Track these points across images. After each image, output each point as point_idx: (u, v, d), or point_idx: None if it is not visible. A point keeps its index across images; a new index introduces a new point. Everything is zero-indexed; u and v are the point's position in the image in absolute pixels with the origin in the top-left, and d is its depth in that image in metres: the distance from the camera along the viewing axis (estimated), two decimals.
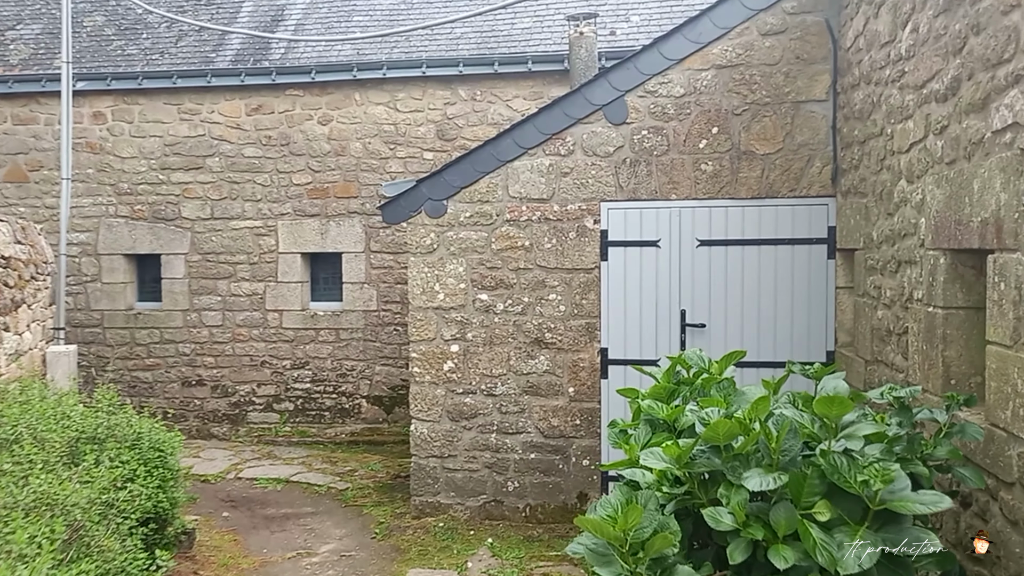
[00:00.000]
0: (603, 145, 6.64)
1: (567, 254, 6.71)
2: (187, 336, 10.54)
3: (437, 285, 6.92)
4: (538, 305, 6.77)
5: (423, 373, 6.98)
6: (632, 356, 6.65)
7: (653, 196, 6.58)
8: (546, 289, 6.76)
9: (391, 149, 10.11)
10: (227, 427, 10.44)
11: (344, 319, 10.23)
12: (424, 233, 6.93)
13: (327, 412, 10.33)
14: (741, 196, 6.45)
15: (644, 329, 6.62)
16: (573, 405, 6.76)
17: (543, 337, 6.77)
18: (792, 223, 6.39)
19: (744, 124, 6.44)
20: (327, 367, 10.30)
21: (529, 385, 6.81)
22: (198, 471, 8.72)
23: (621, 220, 6.64)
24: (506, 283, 6.82)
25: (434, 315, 6.94)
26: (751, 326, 6.46)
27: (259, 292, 10.36)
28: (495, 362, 6.85)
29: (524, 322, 6.80)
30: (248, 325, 10.40)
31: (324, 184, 10.24)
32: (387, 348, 10.18)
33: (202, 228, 10.45)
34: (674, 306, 6.57)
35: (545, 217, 6.75)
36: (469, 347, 6.89)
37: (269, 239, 10.33)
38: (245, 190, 10.37)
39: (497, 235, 6.83)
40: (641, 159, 6.59)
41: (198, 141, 10.44)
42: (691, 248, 6.53)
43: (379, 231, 10.12)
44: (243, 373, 10.47)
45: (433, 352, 6.95)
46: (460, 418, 6.93)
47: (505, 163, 6.80)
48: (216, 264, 10.44)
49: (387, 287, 10.15)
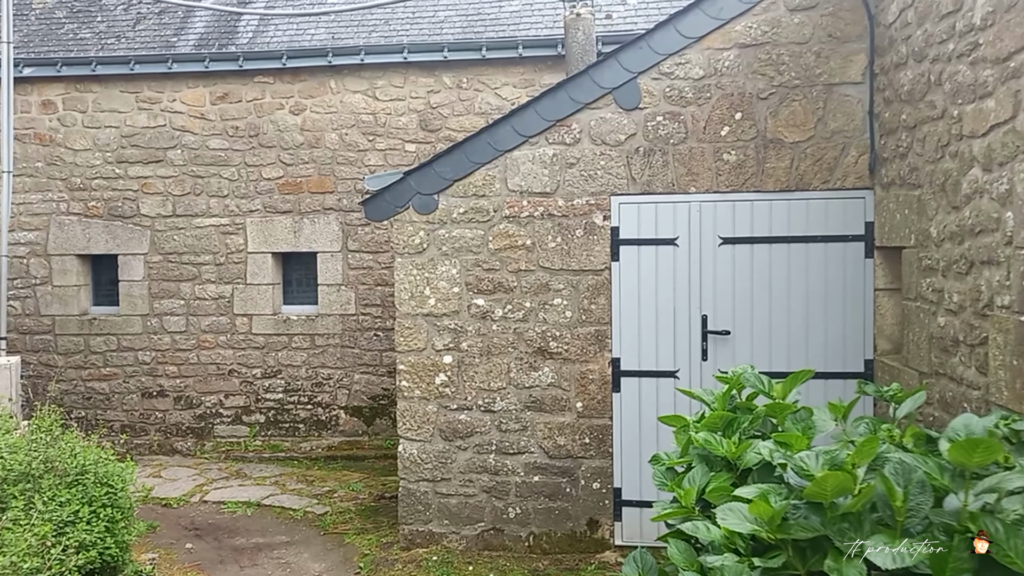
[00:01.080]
0: (613, 133, 5.92)
1: (574, 254, 5.98)
2: (147, 343, 9.64)
3: (427, 289, 6.16)
4: (541, 311, 6.04)
5: (412, 387, 6.21)
6: (648, 367, 5.94)
7: (670, 189, 5.87)
8: (550, 293, 6.02)
9: (370, 141, 9.31)
10: (192, 441, 9.57)
11: (320, 324, 9.41)
12: (412, 231, 6.16)
13: (302, 425, 9.50)
14: (768, 189, 5.77)
15: (661, 337, 5.92)
16: (582, 422, 6.03)
17: (547, 346, 6.03)
18: (825, 218, 5.72)
19: (771, 109, 5.75)
20: (301, 376, 9.47)
21: (532, 400, 6.07)
22: (159, 493, 7.87)
23: (634, 216, 5.92)
24: (505, 286, 6.07)
25: (424, 322, 6.17)
26: (780, 333, 5.78)
27: (226, 295, 9.50)
28: (493, 374, 6.10)
29: (526, 330, 6.05)
30: (214, 331, 9.54)
31: (297, 178, 9.40)
32: (367, 355, 9.37)
33: (163, 226, 9.56)
34: (694, 311, 5.87)
35: (549, 213, 6.01)
36: (464, 358, 6.13)
37: (237, 238, 9.47)
38: (210, 185, 9.49)
39: (495, 233, 6.08)
40: (656, 148, 5.87)
41: (158, 132, 9.55)
42: (712, 246, 5.83)
43: (357, 229, 9.31)
44: (209, 383, 9.60)
45: (423, 364, 6.18)
46: (454, 437, 6.17)
47: (503, 153, 6.04)
48: (179, 265, 9.56)
49: (366, 289, 9.35)
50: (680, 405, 5.90)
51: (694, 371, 5.88)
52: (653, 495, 5.89)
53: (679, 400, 5.90)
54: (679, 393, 5.90)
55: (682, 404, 5.90)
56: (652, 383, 5.94)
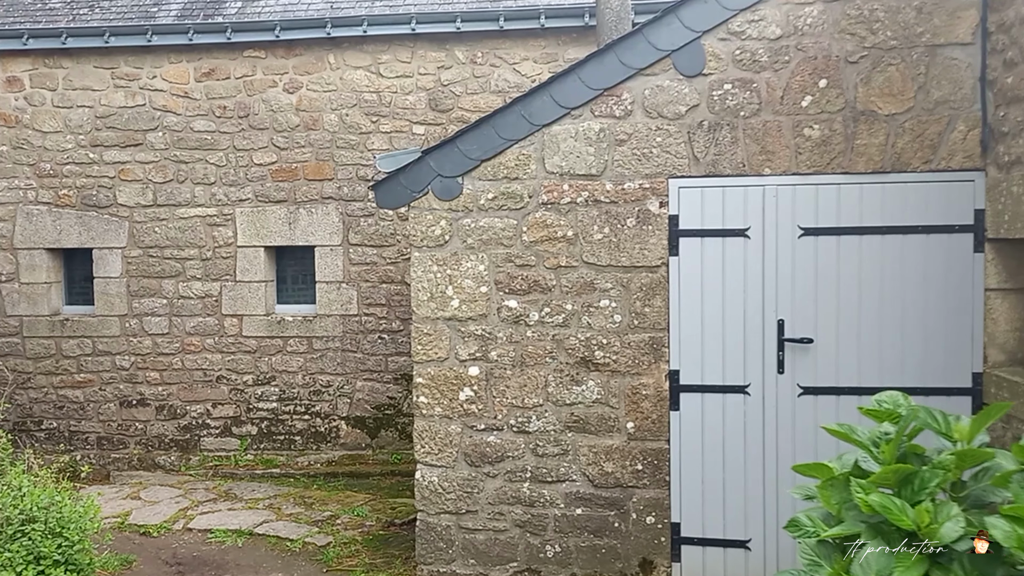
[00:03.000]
0: (672, 104, 4.96)
1: (624, 247, 5.03)
2: (126, 346, 8.63)
3: (450, 288, 5.19)
4: (585, 314, 5.08)
5: (432, 404, 5.25)
6: (712, 381, 5.00)
7: (739, 170, 4.92)
8: (596, 293, 5.07)
9: (373, 122, 8.32)
10: (176, 456, 8.57)
11: (318, 325, 8.42)
12: (432, 220, 5.19)
13: (298, 437, 8.52)
14: (858, 170, 4.82)
15: (728, 346, 4.97)
16: (633, 445, 5.08)
17: (592, 356, 5.08)
18: (925, 205, 4.78)
19: (862, 75, 4.80)
20: (297, 383, 8.48)
21: (574, 419, 5.12)
22: (137, 519, 6.87)
23: (696, 202, 4.97)
24: (542, 285, 5.11)
25: (446, 328, 5.21)
26: (871, 341, 4.84)
27: (213, 293, 8.50)
28: (528, 389, 5.15)
29: (567, 336, 5.10)
30: (200, 333, 8.54)
31: (292, 164, 8.40)
32: (370, 360, 8.40)
33: (143, 217, 8.55)
34: (769, 315, 4.92)
35: (594, 199, 5.06)
36: (493, 369, 5.17)
37: (225, 230, 8.47)
38: (195, 171, 8.48)
39: (530, 223, 5.11)
40: (723, 122, 4.92)
41: (137, 112, 8.52)
42: (791, 238, 4.89)
43: (359, 220, 8.32)
44: (195, 391, 8.60)
45: (445, 376, 5.22)
46: (482, 462, 5.21)
47: (540, 128, 5.08)
48: (160, 260, 8.55)
49: (370, 287, 8.37)
50: (752, 426, 4.97)
51: (768, 386, 4.94)
52: (719, 531, 4.96)
53: (749, 420, 4.96)
54: (749, 413, 4.96)
55: (754, 426, 4.96)
56: (717, 400, 4.99)
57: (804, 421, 4.90)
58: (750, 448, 4.96)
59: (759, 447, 4.95)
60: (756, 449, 4.96)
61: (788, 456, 4.91)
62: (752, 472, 4.97)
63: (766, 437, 4.94)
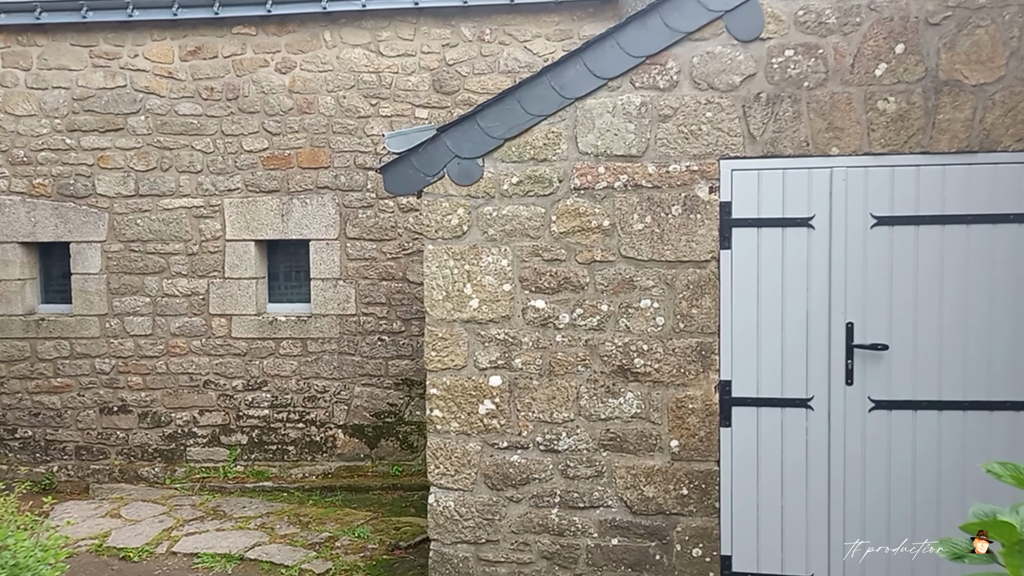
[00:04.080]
0: (725, 73, 4.29)
1: (668, 239, 4.36)
2: (106, 349, 7.91)
3: (468, 286, 4.51)
4: (623, 316, 4.41)
5: (447, 418, 4.56)
6: (769, 393, 4.33)
7: (802, 150, 4.25)
8: (636, 292, 4.39)
9: (373, 105, 7.61)
10: (160, 467, 7.86)
11: (313, 326, 7.72)
12: (448, 209, 4.50)
13: (292, 447, 7.82)
14: (941, 150, 4.16)
15: (788, 353, 4.30)
16: (677, 466, 4.41)
17: (631, 364, 4.41)
18: (1019, 190, 4.12)
19: (945, 39, 4.14)
20: (291, 388, 7.79)
21: (609, 436, 4.45)
22: (117, 541, 6.16)
23: (752, 187, 4.30)
24: (574, 283, 4.44)
25: (464, 331, 4.52)
26: (954, 347, 4.18)
27: (200, 291, 7.79)
28: (557, 402, 4.47)
29: (602, 342, 4.42)
30: (186, 334, 7.83)
31: (285, 150, 7.69)
32: (370, 363, 7.70)
33: (124, 208, 7.83)
34: (836, 318, 4.25)
35: (634, 183, 4.38)
36: (517, 379, 4.49)
37: (213, 222, 7.75)
38: (180, 158, 7.76)
39: (560, 211, 4.43)
40: (784, 94, 4.25)
41: (117, 94, 7.79)
42: (862, 228, 4.22)
43: (358, 212, 7.62)
44: (180, 396, 7.89)
45: (463, 387, 4.54)
46: (504, 485, 4.53)
47: (572, 101, 4.39)
48: (143, 255, 7.83)
49: (369, 284, 7.67)
50: (815, 446, 4.30)
51: (835, 399, 4.27)
52: (776, 566, 4.30)
53: (812, 439, 4.29)
54: (812, 430, 4.30)
55: (817, 445, 4.30)
56: (775, 415, 4.33)
57: (876, 440, 4.24)
58: (813, 471, 4.30)
59: (823, 470, 4.29)
60: (820, 472, 4.29)
61: (857, 480, 4.25)
62: (815, 499, 4.30)
63: (832, 458, 4.28)
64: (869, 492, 4.25)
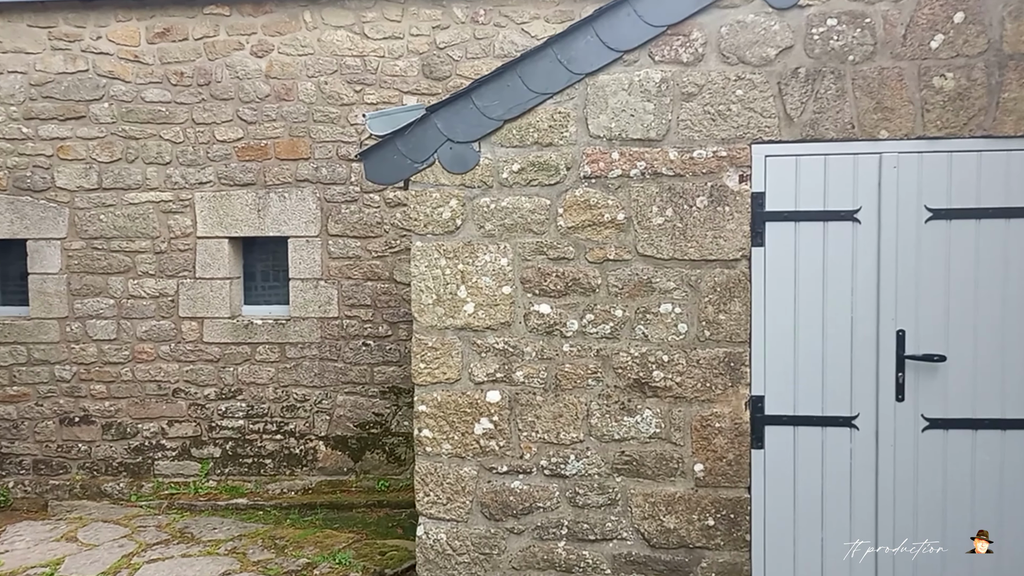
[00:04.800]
0: (757, 45, 3.74)
1: (692, 235, 3.80)
2: (66, 355, 7.28)
3: (462, 289, 3.93)
4: (641, 323, 3.85)
5: (438, 439, 3.99)
6: (807, 410, 3.78)
7: (847, 133, 3.71)
8: (654, 295, 3.84)
9: (357, 92, 7.02)
10: (125, 482, 7.23)
11: (292, 330, 7.12)
12: (439, 200, 3.93)
13: (269, 460, 7.21)
14: (1005, 133, 3.63)
15: (829, 364, 3.76)
16: (702, 493, 3.86)
17: (649, 377, 3.85)
18: None
19: (1011, 7, 3.60)
20: (268, 397, 7.18)
21: (624, 459, 3.89)
22: (70, 568, 5.54)
23: (789, 175, 3.75)
24: (584, 285, 3.87)
25: (457, 340, 3.95)
26: (1020, 359, 3.65)
27: (169, 292, 7.17)
28: (564, 420, 3.91)
29: (616, 352, 3.86)
30: (154, 339, 7.21)
31: (261, 141, 7.09)
32: (354, 370, 7.11)
33: (86, 203, 7.19)
34: (885, 324, 3.71)
35: (653, 171, 3.82)
36: (519, 395, 3.93)
37: (183, 218, 7.14)
38: (147, 149, 7.14)
39: (568, 202, 3.87)
40: (826, 69, 3.70)
41: (79, 80, 7.16)
42: (915, 223, 3.68)
43: (340, 206, 7.03)
44: (148, 406, 7.27)
45: (456, 403, 3.96)
46: (504, 515, 3.96)
47: (582, 77, 3.83)
48: (107, 253, 7.20)
49: (353, 285, 7.08)
50: (861, 470, 3.76)
51: (883, 417, 3.73)
52: None
53: (857, 462, 3.74)
54: (858, 452, 3.75)
55: (863, 470, 3.75)
56: (814, 435, 3.78)
57: (929, 463, 3.70)
58: (857, 498, 3.76)
59: (869, 498, 3.75)
60: (865, 501, 3.75)
61: (908, 508, 3.71)
62: (860, 530, 3.76)
63: (879, 484, 3.74)
64: (921, 523, 3.71)
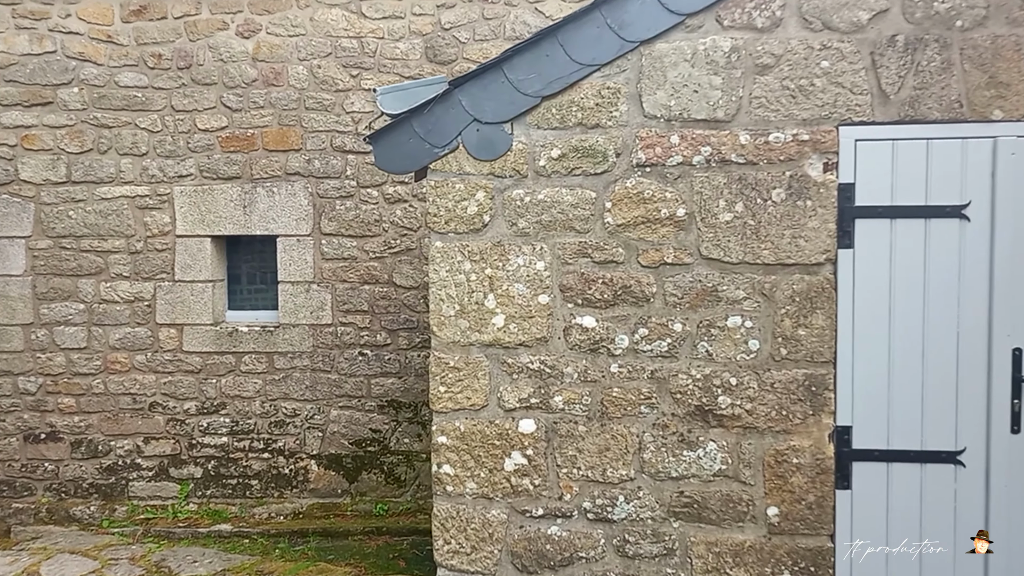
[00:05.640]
0: (846, 7, 3.11)
1: (767, 234, 3.17)
2: (32, 365, 6.56)
3: (491, 298, 3.28)
4: (704, 339, 3.21)
5: (461, 476, 3.33)
6: (904, 444, 3.15)
7: (954, 113, 3.09)
8: (720, 306, 3.20)
9: (353, 76, 6.35)
10: (96, 505, 6.52)
11: (281, 338, 6.43)
12: (464, 192, 3.27)
13: (255, 481, 6.52)
14: None
15: (930, 389, 3.14)
16: (777, 542, 3.23)
17: (714, 404, 3.21)
18: None
19: None
20: (255, 411, 6.49)
21: (684, 501, 3.25)
22: None
23: (884, 163, 3.13)
24: (635, 293, 3.24)
25: (483, 358, 3.30)
26: None
27: (146, 296, 6.47)
28: (612, 455, 3.27)
29: (673, 373, 3.23)
30: (128, 347, 6.50)
31: (248, 130, 6.40)
32: (348, 382, 6.43)
33: (53, 197, 6.48)
34: (999, 341, 3.09)
35: (721, 158, 3.19)
36: (557, 424, 3.28)
37: (161, 214, 6.44)
38: (122, 138, 6.44)
39: (617, 195, 3.23)
40: (928, 37, 3.08)
41: (46, 62, 6.44)
42: None
43: (335, 202, 6.36)
44: (121, 422, 6.56)
45: (482, 434, 3.31)
46: (539, 567, 3.31)
47: (636, 45, 3.19)
48: (77, 253, 6.49)
49: (348, 289, 6.40)
50: (968, 514, 3.14)
51: (996, 452, 3.11)
52: None
53: (963, 504, 3.13)
54: (964, 493, 3.13)
55: (971, 513, 3.14)
56: (912, 473, 3.16)
57: None
58: (964, 549, 3.14)
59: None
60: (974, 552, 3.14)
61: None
62: None
63: (991, 530, 3.12)
64: None
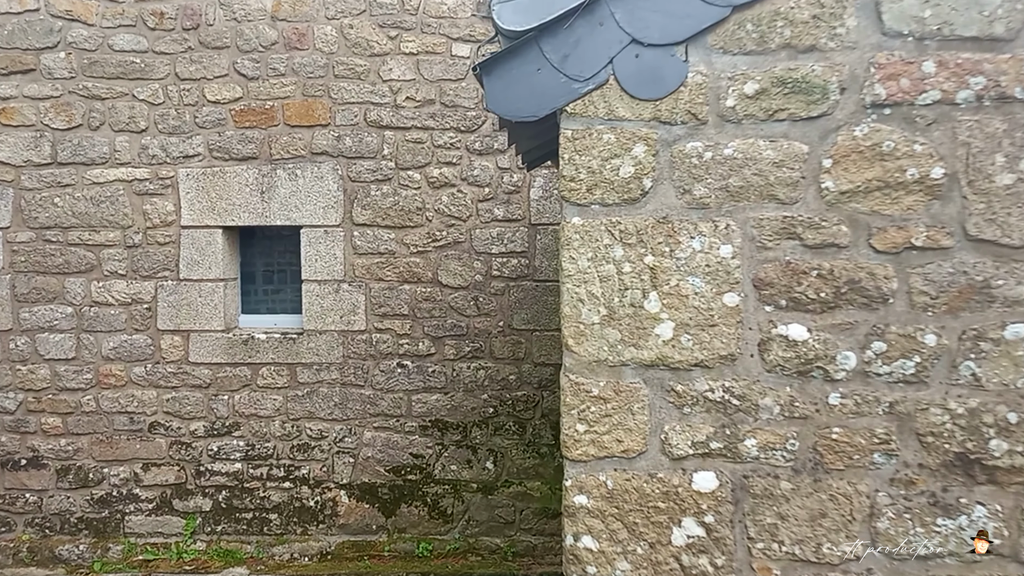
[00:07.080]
0: None
1: None
2: (10, 379, 5.49)
3: (652, 296, 2.25)
4: (969, 356, 2.19)
5: (609, 554, 2.29)
6: None
7: None
8: (995, 309, 2.18)
9: (392, 38, 5.32)
10: (86, 544, 5.45)
11: (305, 347, 5.39)
12: (616, 146, 2.24)
13: (274, 514, 5.46)
14: None
15: None
16: None
17: (983, 450, 2.19)
18: None
19: None
20: (274, 433, 5.44)
21: None
22: None
23: None
24: (867, 292, 2.21)
25: (642, 383, 2.26)
26: None
27: (145, 298, 5.41)
28: (830, 524, 2.24)
29: (923, 406, 2.20)
30: (124, 358, 5.44)
31: (266, 102, 5.36)
32: (385, 399, 5.39)
33: (36, 182, 5.42)
34: None
35: (1000, 93, 2.16)
36: (750, 478, 2.25)
37: (163, 201, 5.38)
38: (117, 112, 5.38)
39: (842, 149, 2.20)
40: None
41: (27, 22, 5.39)
42: None
43: (369, 187, 5.32)
44: (116, 445, 5.50)
45: (640, 491, 2.28)
46: None
47: None
48: (64, 247, 5.43)
49: (385, 289, 5.36)
50: None
51: None
52: None
53: None
54: None
55: None
56: None
57: None
58: None
59: None
60: None
61: None
62: None
63: None
64: None
